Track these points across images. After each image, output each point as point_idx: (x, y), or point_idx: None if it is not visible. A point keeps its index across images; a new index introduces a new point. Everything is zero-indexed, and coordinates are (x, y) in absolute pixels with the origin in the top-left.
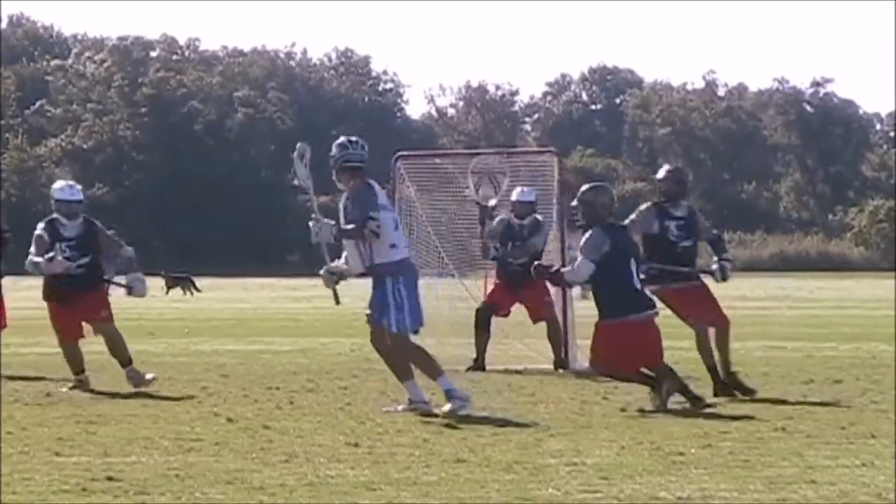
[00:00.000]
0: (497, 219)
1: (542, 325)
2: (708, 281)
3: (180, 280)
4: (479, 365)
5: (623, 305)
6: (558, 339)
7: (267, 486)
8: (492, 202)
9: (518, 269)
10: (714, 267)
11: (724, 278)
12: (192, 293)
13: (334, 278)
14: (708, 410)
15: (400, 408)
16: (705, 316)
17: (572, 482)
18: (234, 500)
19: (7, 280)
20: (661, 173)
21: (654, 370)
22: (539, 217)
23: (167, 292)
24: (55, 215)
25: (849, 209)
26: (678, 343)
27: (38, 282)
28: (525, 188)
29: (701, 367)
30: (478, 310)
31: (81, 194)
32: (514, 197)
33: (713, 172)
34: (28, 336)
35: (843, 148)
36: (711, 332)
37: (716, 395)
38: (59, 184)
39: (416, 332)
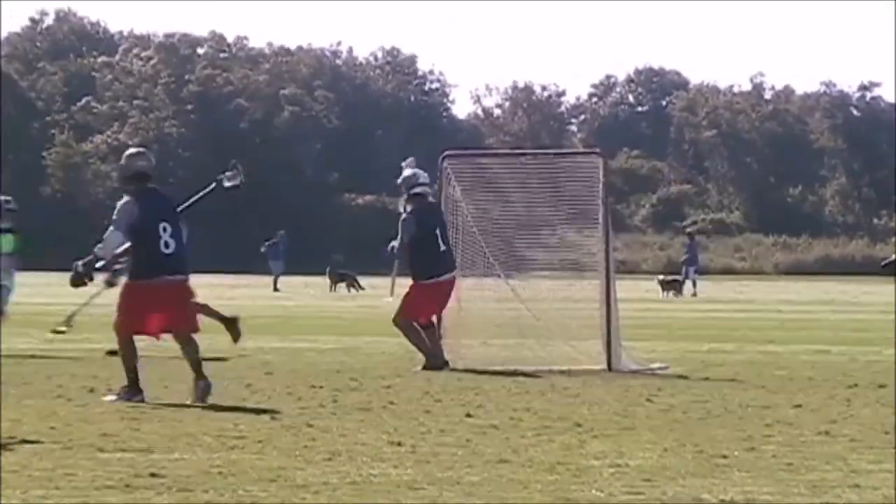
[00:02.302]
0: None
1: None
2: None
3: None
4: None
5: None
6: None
7: (310, 484)
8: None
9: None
10: None
11: None
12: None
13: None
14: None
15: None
16: None
17: (615, 484)
18: (276, 498)
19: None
20: None
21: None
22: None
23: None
24: None
25: (894, 213)
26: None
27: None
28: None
29: None
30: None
31: None
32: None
33: (759, 176)
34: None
35: (889, 153)
36: None
37: None
38: None
39: None
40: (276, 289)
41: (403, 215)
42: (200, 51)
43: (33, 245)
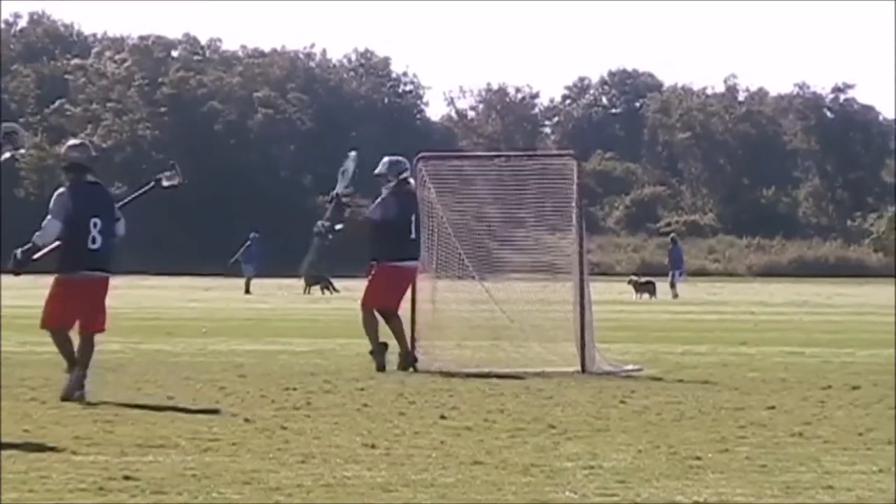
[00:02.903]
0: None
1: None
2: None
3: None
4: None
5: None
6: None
7: (284, 486)
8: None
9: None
10: None
11: None
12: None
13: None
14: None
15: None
16: None
17: (589, 486)
18: (250, 500)
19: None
20: None
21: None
22: (385, 191)
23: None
24: None
25: (867, 215)
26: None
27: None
28: (384, 160)
29: None
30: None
31: None
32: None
33: (733, 177)
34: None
35: (863, 154)
36: None
37: None
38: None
39: None
40: (247, 291)
41: (384, 194)
42: (174, 53)
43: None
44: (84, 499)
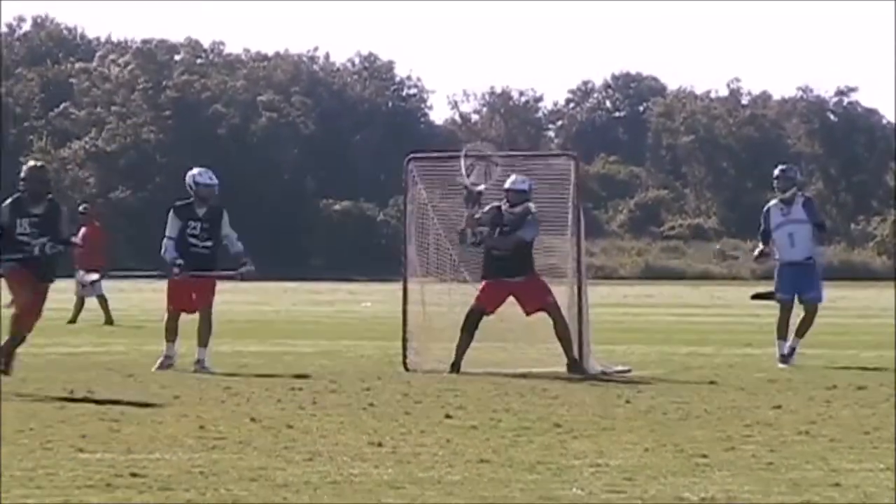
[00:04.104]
0: (488, 206)
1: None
2: None
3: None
4: (456, 368)
5: None
6: (567, 337)
7: (291, 483)
8: (480, 187)
9: (502, 259)
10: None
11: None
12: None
13: None
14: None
15: None
16: None
17: (596, 483)
18: (257, 498)
19: None
20: None
21: None
22: (532, 207)
23: None
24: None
25: (871, 218)
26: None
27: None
28: (519, 177)
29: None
30: (470, 312)
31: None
32: (507, 185)
33: (736, 181)
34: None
35: (867, 157)
36: None
37: None
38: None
39: None
40: None
41: (532, 210)
42: (178, 57)
43: None
44: (91, 496)
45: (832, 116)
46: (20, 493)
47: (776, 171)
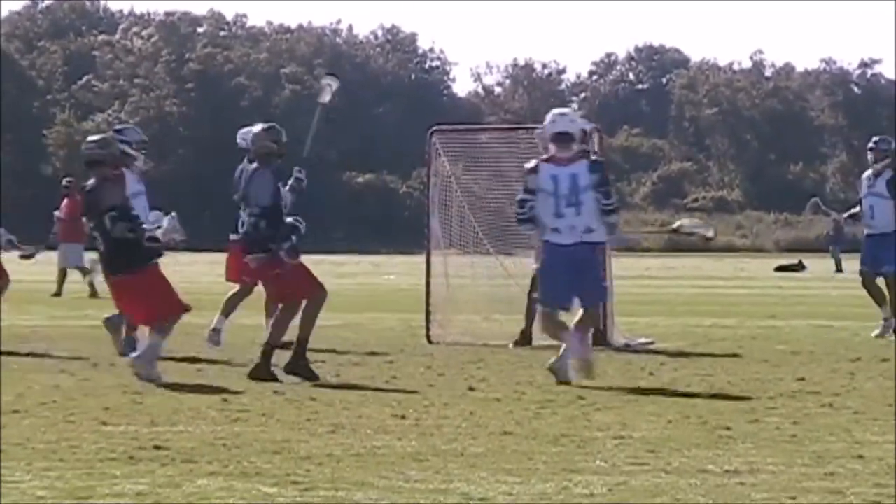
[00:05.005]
0: None
1: None
2: None
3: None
4: (526, 339)
5: None
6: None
7: (314, 455)
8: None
9: None
10: None
11: None
12: None
13: None
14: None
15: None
16: None
17: (619, 455)
18: (280, 470)
19: None
20: None
21: None
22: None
23: None
24: None
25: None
26: None
27: None
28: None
29: None
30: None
31: None
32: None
33: (760, 153)
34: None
35: (890, 129)
36: None
37: None
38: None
39: None
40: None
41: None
42: (200, 29)
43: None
44: (115, 468)
45: (856, 89)
46: (43, 466)
47: (870, 143)
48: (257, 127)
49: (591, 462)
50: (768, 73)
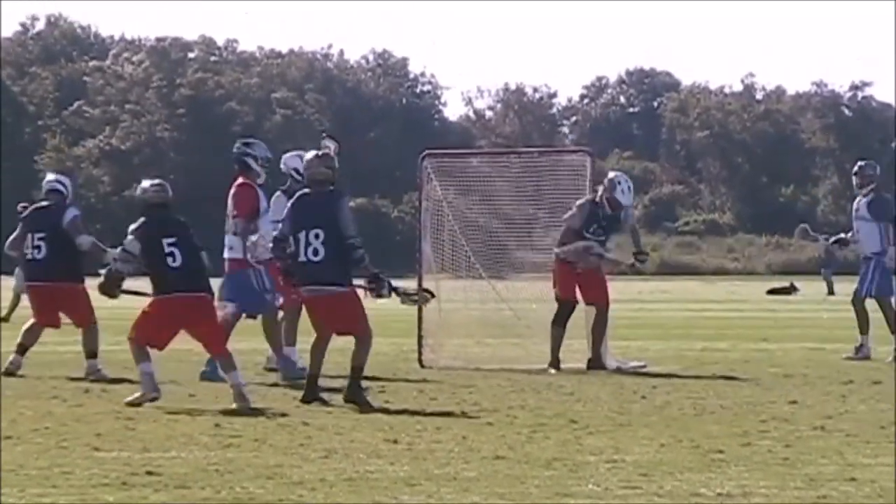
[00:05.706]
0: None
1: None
2: None
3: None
4: (555, 363)
5: None
6: (601, 334)
7: (307, 480)
8: None
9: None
10: None
11: None
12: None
13: None
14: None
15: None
16: None
17: (612, 479)
18: (273, 495)
19: None
20: None
21: None
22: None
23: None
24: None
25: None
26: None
27: None
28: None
29: None
30: (562, 305)
31: None
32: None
33: (751, 176)
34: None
35: (882, 152)
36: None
37: None
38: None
39: None
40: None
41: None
42: (191, 55)
43: None
44: (108, 494)
45: (847, 111)
46: (36, 492)
47: (855, 168)
48: (310, 154)
49: (583, 486)
50: (759, 96)
